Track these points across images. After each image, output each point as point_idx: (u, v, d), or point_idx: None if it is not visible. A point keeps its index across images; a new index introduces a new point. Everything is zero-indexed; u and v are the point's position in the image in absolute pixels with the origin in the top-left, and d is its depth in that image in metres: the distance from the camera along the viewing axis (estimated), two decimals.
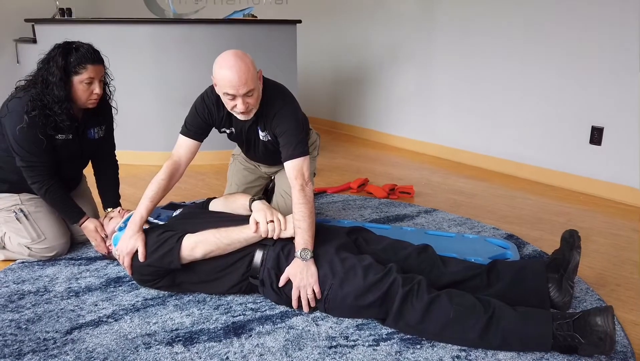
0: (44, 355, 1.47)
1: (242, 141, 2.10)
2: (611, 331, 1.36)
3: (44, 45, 2.01)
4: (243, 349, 1.50)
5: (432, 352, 1.48)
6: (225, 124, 2.00)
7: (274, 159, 2.07)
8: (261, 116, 1.91)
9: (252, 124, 1.96)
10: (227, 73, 1.73)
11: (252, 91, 1.76)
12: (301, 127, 1.90)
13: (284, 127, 1.87)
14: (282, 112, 1.88)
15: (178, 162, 1.94)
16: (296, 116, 1.91)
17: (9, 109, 1.89)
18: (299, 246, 1.65)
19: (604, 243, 2.34)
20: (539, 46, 3.16)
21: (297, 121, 1.89)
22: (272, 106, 1.89)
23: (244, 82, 1.72)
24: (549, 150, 3.22)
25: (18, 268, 2.03)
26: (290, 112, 1.90)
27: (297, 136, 1.86)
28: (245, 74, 1.72)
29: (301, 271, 1.63)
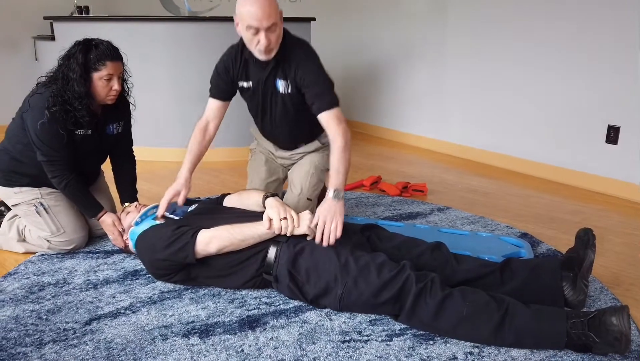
0: (64, 345, 1.51)
1: (259, 101, 2.03)
2: (627, 330, 1.36)
3: (62, 42, 2.05)
4: (258, 342, 1.52)
5: (445, 348, 1.49)
6: (242, 75, 2.00)
7: (291, 127, 2.07)
8: (281, 61, 1.90)
9: (269, 75, 1.94)
10: (251, 7, 1.75)
11: (274, 26, 1.78)
12: (327, 76, 1.91)
13: (312, 77, 1.89)
14: (306, 63, 1.90)
15: (206, 120, 2.07)
16: (320, 64, 1.93)
17: (30, 105, 1.93)
18: (333, 186, 1.75)
19: (619, 242, 2.33)
20: (554, 44, 3.14)
21: (323, 70, 1.92)
22: (293, 52, 1.90)
23: (267, 14, 1.74)
24: (565, 149, 3.19)
25: (38, 260, 2.07)
26: (314, 61, 1.92)
27: (327, 84, 1.89)
28: (268, 8, 1.75)
29: (330, 206, 1.71)
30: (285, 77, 1.93)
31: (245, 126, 3.72)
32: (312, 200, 2.16)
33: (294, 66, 1.89)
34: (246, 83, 2.01)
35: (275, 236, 1.73)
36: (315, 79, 1.88)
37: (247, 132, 3.72)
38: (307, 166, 2.17)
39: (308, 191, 2.14)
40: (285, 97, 1.98)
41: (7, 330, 1.58)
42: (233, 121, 3.69)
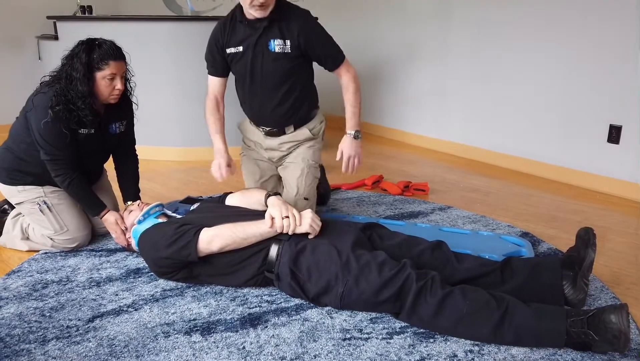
0: (67, 342, 1.52)
1: (247, 64, 2.05)
2: (625, 329, 1.36)
3: (66, 42, 2.06)
4: (259, 339, 1.53)
5: (445, 346, 1.50)
6: (231, 40, 2.05)
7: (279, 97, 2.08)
8: (277, 21, 1.96)
9: (261, 35, 1.98)
10: None
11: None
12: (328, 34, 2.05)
13: (320, 37, 2.02)
14: (311, 24, 2.01)
15: (213, 95, 2.19)
16: (318, 23, 2.06)
17: (34, 104, 1.94)
18: (354, 127, 2.08)
19: (620, 241, 2.33)
20: (555, 44, 3.14)
21: (322, 28, 2.05)
22: (293, 14, 1.98)
23: None
24: (566, 148, 3.19)
25: (41, 258, 2.09)
26: (317, 23, 2.04)
27: (333, 42, 2.06)
28: None
29: (352, 144, 2.09)
30: (283, 37, 1.98)
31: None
32: (309, 199, 2.17)
33: (297, 26, 1.96)
34: (234, 48, 2.06)
35: (277, 234, 1.74)
36: (323, 39, 2.03)
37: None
38: (300, 164, 2.19)
39: (305, 191, 2.16)
40: (279, 57, 2.01)
41: (11, 326, 1.60)
42: (234, 120, 3.71)
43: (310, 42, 2.00)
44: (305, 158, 2.19)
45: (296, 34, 1.96)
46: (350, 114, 2.10)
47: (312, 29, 2.02)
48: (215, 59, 2.13)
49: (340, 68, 2.09)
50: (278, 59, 2.01)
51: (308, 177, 2.18)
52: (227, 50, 2.07)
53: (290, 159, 2.23)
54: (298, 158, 2.20)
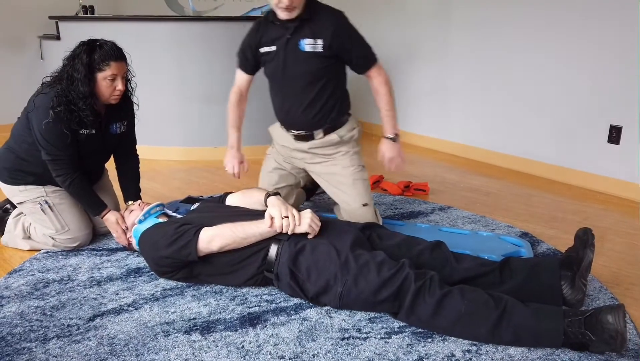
0: (68, 340, 1.53)
1: (279, 64, 2.04)
2: (622, 329, 1.37)
3: (68, 42, 2.07)
4: (258, 338, 1.54)
5: (443, 346, 1.51)
6: (265, 40, 2.05)
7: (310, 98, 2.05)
8: (308, 21, 1.97)
9: (293, 34, 1.98)
10: None
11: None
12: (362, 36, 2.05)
13: (353, 38, 2.01)
14: (345, 24, 2.01)
15: (238, 91, 2.24)
16: (351, 23, 2.04)
17: (35, 105, 1.95)
18: (391, 131, 2.12)
19: (619, 242, 2.33)
20: (556, 44, 3.14)
21: (355, 28, 2.03)
22: (326, 14, 1.99)
23: None
24: (566, 148, 3.19)
25: (43, 257, 2.10)
26: (350, 24, 2.03)
27: (366, 43, 2.05)
28: None
29: (392, 147, 2.12)
30: (314, 36, 1.97)
31: (249, 124, 3.75)
32: (368, 204, 2.13)
33: (330, 26, 1.96)
34: (268, 48, 2.06)
35: (276, 234, 1.75)
36: (356, 39, 2.03)
37: (250, 131, 3.75)
38: (345, 178, 2.14)
39: (361, 198, 2.12)
40: (310, 56, 1.99)
41: (13, 325, 1.61)
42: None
43: (342, 42, 1.99)
44: (346, 166, 2.15)
45: (329, 33, 1.96)
46: (386, 117, 2.11)
47: (345, 29, 2.01)
48: (246, 57, 2.15)
49: (372, 70, 2.07)
50: (309, 58, 2.00)
51: (357, 184, 2.14)
52: (261, 50, 2.08)
53: (333, 178, 2.17)
54: (341, 172, 2.15)
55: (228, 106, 2.24)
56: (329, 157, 2.18)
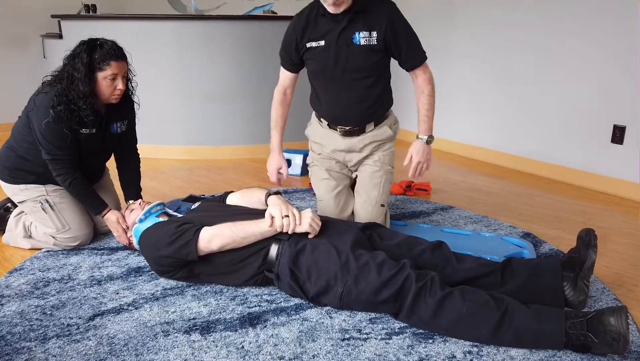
0: (67, 340, 1.53)
1: (329, 58, 1.96)
2: (624, 331, 1.36)
3: (70, 40, 2.07)
4: (258, 339, 1.54)
5: (444, 347, 1.50)
6: (312, 34, 1.96)
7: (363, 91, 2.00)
8: (362, 13, 1.90)
9: (345, 28, 1.91)
10: None
11: None
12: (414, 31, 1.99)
13: (405, 32, 1.94)
14: (399, 18, 1.94)
15: (283, 88, 2.16)
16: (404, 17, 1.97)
17: (35, 104, 1.95)
18: (426, 132, 2.03)
19: (622, 242, 2.32)
20: (559, 44, 3.12)
21: (408, 22, 1.97)
22: (381, 6, 1.92)
23: None
24: (569, 148, 3.18)
25: (43, 256, 2.10)
26: (403, 17, 1.95)
27: (417, 40, 1.98)
28: None
29: (424, 150, 2.01)
30: (370, 29, 1.91)
31: (250, 125, 3.75)
32: (384, 205, 2.11)
33: (384, 17, 1.90)
34: (316, 42, 1.97)
35: (277, 233, 1.74)
36: (409, 33, 1.96)
37: (251, 130, 3.76)
38: (378, 171, 2.11)
39: (381, 198, 2.10)
40: (365, 50, 1.93)
41: (12, 324, 1.61)
42: (237, 119, 3.72)
43: (396, 35, 1.92)
44: (384, 163, 2.12)
45: (384, 25, 1.89)
46: (424, 117, 2.02)
47: (399, 21, 1.94)
48: (289, 55, 2.07)
49: (419, 68, 2.00)
50: (363, 52, 1.93)
51: (386, 185, 2.11)
52: (307, 45, 1.99)
53: (369, 163, 2.14)
54: (377, 163, 2.12)
55: (271, 106, 2.17)
56: (370, 154, 2.14)
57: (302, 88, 2.19)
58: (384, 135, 2.12)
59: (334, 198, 2.14)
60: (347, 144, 2.12)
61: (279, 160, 2.19)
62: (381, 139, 2.12)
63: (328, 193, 2.15)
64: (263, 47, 3.63)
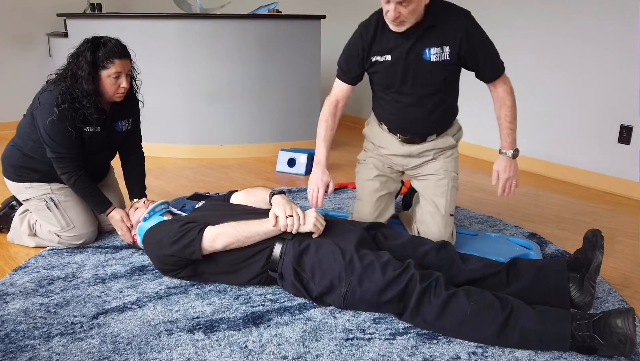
0: (71, 338, 1.53)
1: (397, 74, 1.89)
2: (631, 333, 1.34)
3: (75, 39, 2.07)
4: (261, 338, 1.53)
5: (448, 348, 1.49)
6: (377, 48, 1.86)
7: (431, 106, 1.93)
8: (434, 28, 1.79)
9: (415, 44, 1.80)
10: None
11: (408, 3, 1.67)
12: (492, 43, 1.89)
13: (484, 46, 1.84)
14: (476, 32, 1.83)
15: (336, 100, 2.02)
16: (481, 26, 1.87)
17: (40, 102, 1.95)
18: (510, 146, 1.92)
19: (629, 243, 2.30)
20: (565, 43, 3.10)
21: (485, 32, 1.87)
22: (450, 14, 1.80)
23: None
24: (576, 148, 3.16)
25: (48, 254, 2.11)
26: (482, 30, 1.84)
27: (496, 52, 1.89)
28: None
29: (510, 165, 1.91)
30: (442, 44, 1.80)
31: (254, 124, 3.75)
32: (453, 215, 2.04)
33: (459, 31, 1.78)
34: (381, 57, 1.87)
35: (281, 233, 1.74)
36: (486, 45, 1.86)
37: (256, 129, 3.76)
38: (444, 178, 2.02)
39: (450, 208, 2.02)
40: (436, 66, 1.84)
41: (17, 322, 1.61)
42: (242, 118, 3.72)
43: (472, 49, 1.82)
44: (449, 170, 2.03)
45: (458, 40, 1.79)
46: (508, 130, 1.91)
47: (476, 34, 1.83)
48: (350, 68, 1.95)
49: (498, 80, 1.91)
50: (435, 68, 1.84)
51: (453, 192, 2.02)
52: (373, 59, 1.89)
53: (431, 171, 2.05)
54: (441, 171, 2.03)
55: (320, 117, 2.01)
56: (432, 160, 2.06)
57: (305, 85, 2.16)
58: (446, 143, 2.05)
59: (374, 201, 2.09)
60: (406, 150, 2.05)
61: (326, 175, 1.94)
62: (442, 147, 2.05)
63: (370, 194, 2.10)
64: (268, 46, 3.63)
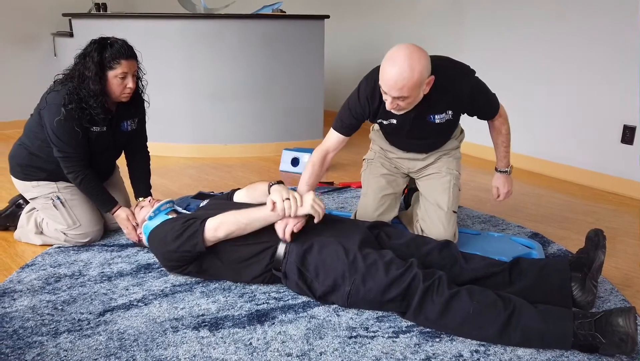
0: (78, 335, 1.55)
1: (403, 132, 1.97)
2: (633, 332, 1.36)
3: (80, 39, 2.09)
4: (266, 336, 1.55)
5: (451, 346, 1.50)
6: (382, 115, 1.91)
7: (433, 143, 2.06)
8: (437, 100, 1.81)
9: (419, 113, 1.85)
10: (388, 69, 1.65)
11: (405, 98, 1.69)
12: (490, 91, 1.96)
13: (481, 99, 1.92)
14: (477, 88, 1.88)
15: (326, 151, 1.99)
16: (480, 80, 1.92)
17: (47, 102, 1.97)
18: (507, 166, 2.16)
19: (632, 243, 2.30)
20: (569, 42, 3.11)
21: (486, 87, 1.93)
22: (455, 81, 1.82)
23: (399, 87, 1.64)
24: (579, 148, 3.16)
25: (55, 252, 2.13)
26: (478, 82, 1.90)
27: (491, 95, 1.96)
28: (403, 81, 1.62)
29: (508, 181, 2.17)
30: (445, 109, 1.87)
31: (258, 123, 3.77)
32: (456, 212, 2.08)
33: (465, 97, 1.85)
34: (386, 121, 1.94)
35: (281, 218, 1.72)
36: (485, 99, 1.94)
37: (260, 129, 3.78)
38: (446, 176, 2.08)
39: (453, 205, 2.06)
40: (441, 125, 1.93)
41: (25, 319, 1.63)
42: (245, 118, 3.74)
43: (474, 105, 1.93)
44: (450, 168, 2.10)
45: (461, 103, 1.88)
46: (504, 153, 2.13)
47: (480, 94, 1.90)
48: (350, 123, 1.95)
49: (502, 118, 2.05)
50: (439, 126, 1.92)
51: (455, 190, 2.08)
52: (378, 121, 1.97)
53: (435, 170, 2.12)
54: (443, 169, 2.10)
55: (308, 161, 1.98)
56: (435, 161, 2.13)
57: (309, 85, 2.17)
58: (449, 146, 2.13)
59: (379, 198, 2.12)
60: (411, 155, 2.14)
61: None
62: (446, 149, 2.13)
63: (375, 191, 2.13)
64: (272, 46, 3.65)
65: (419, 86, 1.68)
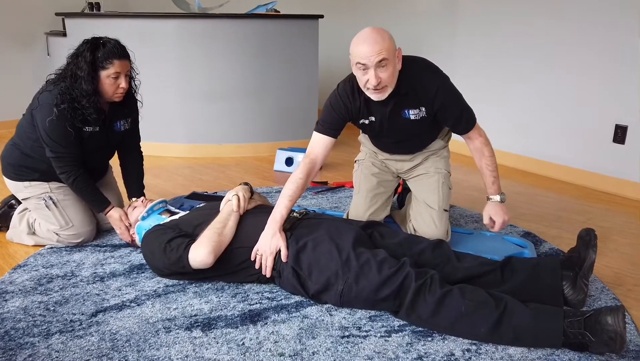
0: (70, 335, 1.55)
1: (382, 131, 1.98)
2: (621, 330, 1.37)
3: (74, 38, 2.09)
4: (258, 336, 1.55)
5: (442, 345, 1.51)
6: (363, 113, 1.93)
7: (415, 143, 2.06)
8: (409, 92, 1.84)
9: (394, 108, 1.87)
10: (360, 42, 1.70)
11: (385, 61, 1.69)
12: (462, 96, 1.92)
13: (453, 104, 1.89)
14: (444, 86, 1.87)
15: (314, 160, 1.92)
16: (454, 87, 1.91)
17: (39, 102, 1.97)
18: (497, 192, 1.99)
19: (623, 242, 2.32)
20: (562, 43, 3.12)
21: (457, 91, 1.91)
22: (427, 80, 1.85)
23: (377, 51, 1.67)
24: (571, 148, 3.18)
25: (47, 253, 2.12)
26: (449, 84, 1.89)
27: (465, 106, 1.92)
28: (379, 44, 1.67)
29: (501, 209, 1.98)
30: (418, 105, 1.88)
31: (252, 123, 3.77)
32: (447, 210, 2.11)
33: (433, 96, 1.84)
34: (367, 120, 1.95)
35: None
36: (457, 103, 1.90)
37: (254, 129, 3.78)
38: (434, 176, 2.11)
39: (444, 203, 2.08)
40: (417, 122, 1.92)
41: (16, 320, 1.63)
42: (239, 118, 3.74)
43: (445, 108, 1.89)
44: (439, 168, 2.12)
45: (432, 101, 1.86)
46: (492, 178, 1.99)
47: (449, 96, 1.89)
48: (334, 124, 1.94)
49: (472, 131, 1.96)
50: (415, 122, 1.93)
51: (444, 188, 2.10)
52: (360, 121, 1.97)
53: (423, 170, 2.14)
54: (431, 169, 2.12)
55: (292, 174, 1.88)
56: (423, 162, 2.14)
57: (303, 85, 2.18)
58: (435, 146, 2.13)
59: (370, 198, 2.14)
60: (398, 156, 2.16)
61: (277, 238, 1.74)
62: (432, 149, 2.13)
63: (366, 191, 2.15)
64: (266, 46, 3.65)
65: (394, 50, 1.73)
